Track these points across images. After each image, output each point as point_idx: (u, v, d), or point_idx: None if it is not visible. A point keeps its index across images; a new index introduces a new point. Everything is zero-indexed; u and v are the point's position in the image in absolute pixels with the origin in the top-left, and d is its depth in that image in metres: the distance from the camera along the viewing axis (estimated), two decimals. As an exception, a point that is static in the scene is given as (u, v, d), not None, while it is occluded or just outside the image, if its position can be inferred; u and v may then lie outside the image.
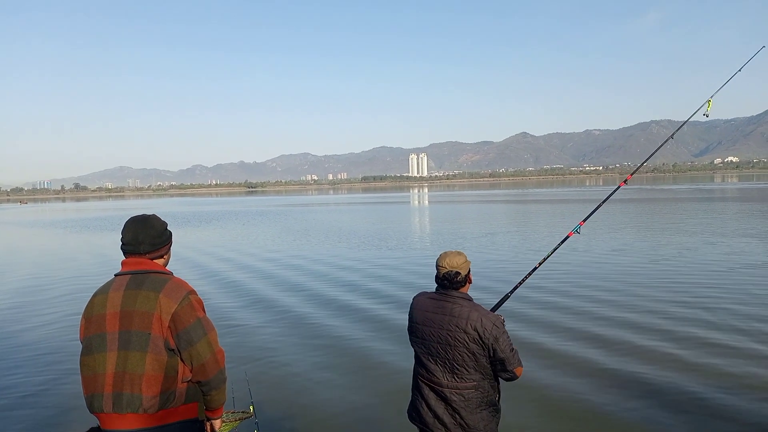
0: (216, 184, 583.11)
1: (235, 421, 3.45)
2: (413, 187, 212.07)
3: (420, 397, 2.89)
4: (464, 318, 2.72)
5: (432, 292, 2.95)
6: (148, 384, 2.34)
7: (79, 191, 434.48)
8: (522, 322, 8.02)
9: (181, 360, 2.43)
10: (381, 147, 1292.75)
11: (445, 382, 2.77)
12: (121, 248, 2.61)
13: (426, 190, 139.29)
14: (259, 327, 8.59)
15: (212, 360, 2.47)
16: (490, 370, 2.79)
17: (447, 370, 2.77)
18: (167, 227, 2.69)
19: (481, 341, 2.69)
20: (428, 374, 2.84)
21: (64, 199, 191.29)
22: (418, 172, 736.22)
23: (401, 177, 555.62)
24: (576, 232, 3.68)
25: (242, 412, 3.61)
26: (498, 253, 15.85)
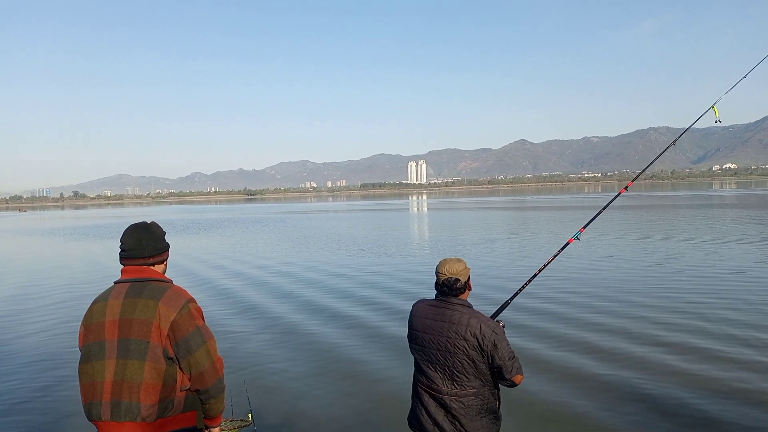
0: (215, 192, 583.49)
1: (234, 429, 3.43)
2: (412, 194, 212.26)
3: (420, 404, 2.87)
4: (464, 325, 2.71)
5: (432, 300, 2.94)
6: (147, 392, 2.33)
7: (78, 199, 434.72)
8: (516, 329, 7.98)
9: (180, 368, 2.42)
10: (380, 154, 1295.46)
11: (444, 389, 2.76)
12: (120, 255, 2.59)
13: (425, 197, 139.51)
14: (256, 334, 8.56)
15: (211, 368, 2.46)
16: (490, 377, 2.77)
17: (447, 377, 2.76)
18: (165, 234, 2.73)
19: (480, 348, 2.68)
20: (428, 381, 2.83)
21: (63, 207, 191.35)
22: (417, 179, 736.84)
23: (400, 184, 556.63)
24: (576, 238, 3.69)
25: (241, 420, 3.59)
26: (497, 261, 15.83)
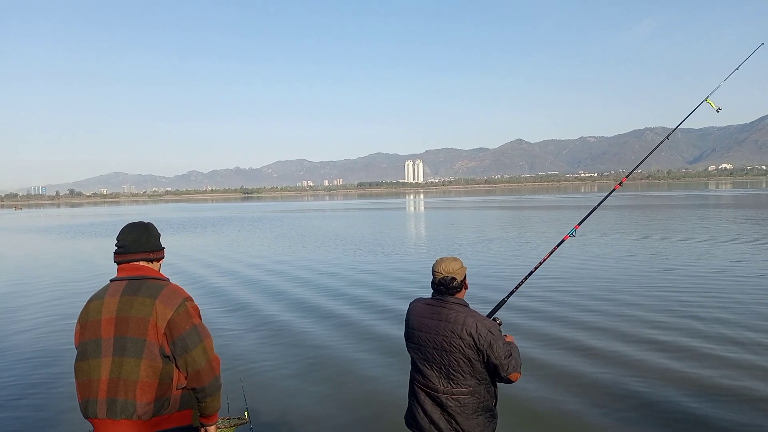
0: (212, 190, 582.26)
1: (230, 428, 3.43)
2: (409, 193, 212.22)
3: (416, 402, 2.88)
4: (460, 324, 2.72)
5: (428, 298, 2.95)
6: (143, 390, 2.33)
7: (74, 197, 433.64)
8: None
9: (177, 367, 2.43)
10: (377, 153, 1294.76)
11: (441, 388, 2.77)
12: (117, 252, 2.59)
13: (422, 196, 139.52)
14: (252, 332, 8.55)
15: (208, 367, 2.46)
16: (486, 375, 2.78)
17: (443, 376, 2.77)
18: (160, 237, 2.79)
19: (476, 347, 2.69)
20: (424, 380, 2.84)
21: (58, 205, 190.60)
22: (414, 179, 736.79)
23: (397, 183, 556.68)
24: (571, 235, 3.75)
25: (237, 418, 3.59)
26: (494, 260, 15.84)
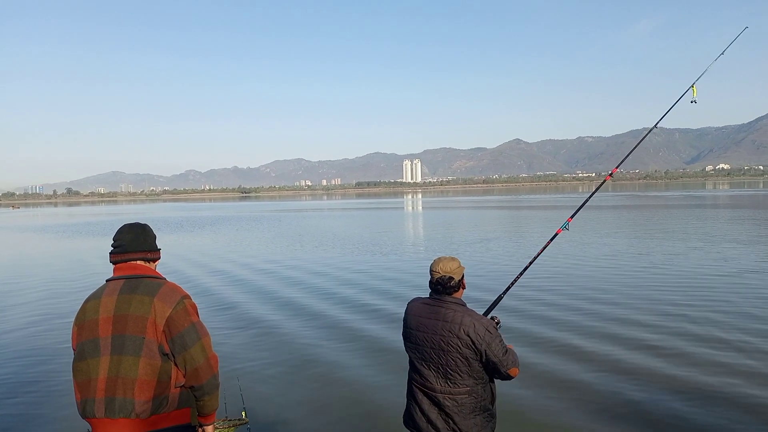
0: (209, 190, 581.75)
1: (230, 428, 3.42)
2: (407, 192, 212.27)
3: (414, 402, 2.89)
4: (457, 323, 2.72)
5: (426, 298, 2.95)
6: (141, 389, 2.33)
7: (71, 196, 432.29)
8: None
9: (175, 365, 2.43)
10: (375, 153, 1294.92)
11: (438, 387, 2.77)
12: (113, 251, 2.59)
13: (420, 195, 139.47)
14: (249, 331, 8.54)
15: (206, 365, 2.46)
16: (484, 374, 2.78)
17: (440, 376, 2.77)
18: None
19: (474, 346, 2.69)
20: (422, 379, 2.84)
21: (56, 204, 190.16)
22: (412, 178, 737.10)
23: (395, 183, 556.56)
24: (565, 228, 3.77)
25: (238, 420, 3.57)
26: (492, 259, 15.86)
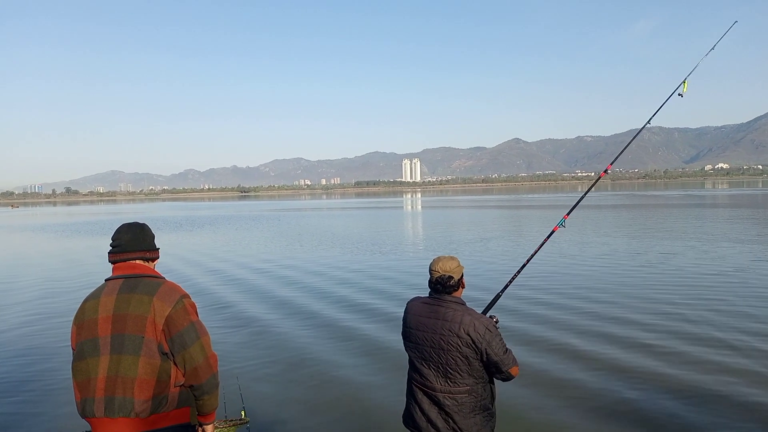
0: (209, 189, 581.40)
1: (231, 427, 3.41)
2: (406, 192, 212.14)
3: (414, 401, 2.88)
4: (457, 322, 2.72)
5: (426, 297, 2.95)
6: (141, 388, 2.32)
7: (70, 195, 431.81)
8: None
9: (174, 364, 2.42)
10: (374, 152, 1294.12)
11: (438, 387, 2.77)
12: (112, 251, 2.59)
13: (419, 195, 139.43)
14: (249, 331, 8.54)
15: (205, 364, 2.46)
16: (484, 374, 2.78)
17: (440, 375, 2.77)
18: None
19: (474, 345, 2.69)
20: (422, 379, 2.84)
21: (55, 203, 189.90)
22: (412, 178, 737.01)
23: (394, 182, 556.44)
24: (561, 225, 3.80)
25: (239, 420, 3.56)
26: (491, 259, 15.86)
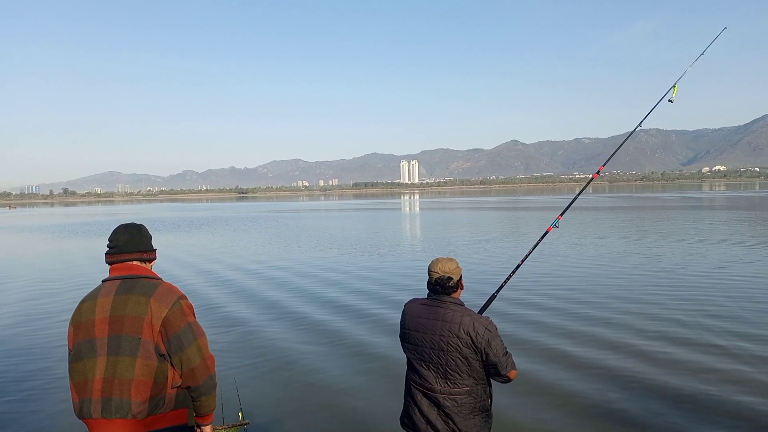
0: (206, 190, 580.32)
1: (230, 428, 3.41)
2: (404, 193, 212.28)
3: (413, 403, 2.87)
4: (456, 323, 2.71)
5: (424, 298, 2.94)
6: (137, 389, 2.32)
7: (68, 196, 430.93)
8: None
9: (171, 365, 2.41)
10: (372, 153, 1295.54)
11: (438, 388, 2.75)
12: (109, 252, 2.58)
13: (417, 196, 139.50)
14: (246, 332, 8.53)
15: (202, 365, 2.45)
16: (483, 375, 2.77)
17: (440, 376, 2.75)
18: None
19: (474, 346, 2.68)
20: (421, 380, 2.83)
21: (52, 204, 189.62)
22: (410, 179, 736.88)
23: (392, 184, 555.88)
24: (554, 226, 3.81)
25: (240, 424, 3.57)
26: (489, 260, 15.86)
